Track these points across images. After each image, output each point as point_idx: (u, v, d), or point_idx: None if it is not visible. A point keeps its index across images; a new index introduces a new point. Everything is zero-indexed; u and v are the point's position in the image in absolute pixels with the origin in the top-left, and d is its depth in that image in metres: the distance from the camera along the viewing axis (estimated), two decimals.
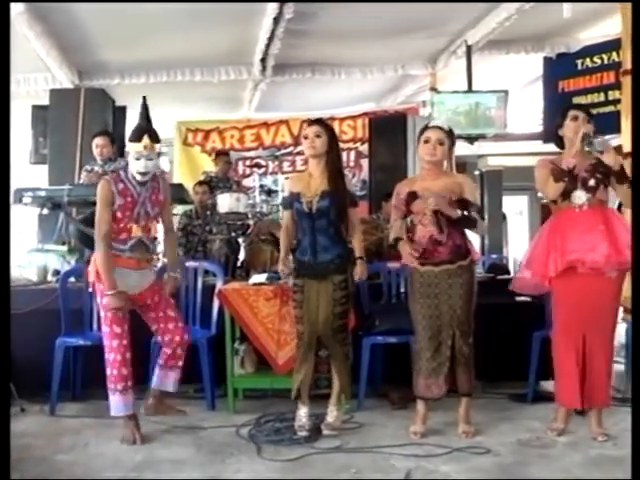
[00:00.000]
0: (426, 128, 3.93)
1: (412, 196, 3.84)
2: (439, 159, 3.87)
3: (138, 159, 3.82)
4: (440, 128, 3.89)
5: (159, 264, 4.94)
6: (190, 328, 4.50)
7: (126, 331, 3.82)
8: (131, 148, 3.85)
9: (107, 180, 3.87)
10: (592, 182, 3.74)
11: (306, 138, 3.93)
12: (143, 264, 3.93)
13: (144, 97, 4.05)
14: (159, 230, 4.31)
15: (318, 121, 4.01)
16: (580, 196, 3.73)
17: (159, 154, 3.90)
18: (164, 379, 3.99)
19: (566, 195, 3.75)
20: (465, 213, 3.83)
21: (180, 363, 4.01)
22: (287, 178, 7.19)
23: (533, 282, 3.94)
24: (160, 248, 5.12)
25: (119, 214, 3.83)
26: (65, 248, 5.71)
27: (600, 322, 3.76)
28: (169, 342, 3.96)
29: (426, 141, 3.85)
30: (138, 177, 3.84)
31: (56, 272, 5.44)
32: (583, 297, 3.72)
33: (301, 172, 7.48)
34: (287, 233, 4.07)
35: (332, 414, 3.94)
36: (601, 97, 7.68)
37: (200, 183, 7.00)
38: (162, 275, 4.20)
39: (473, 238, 4.17)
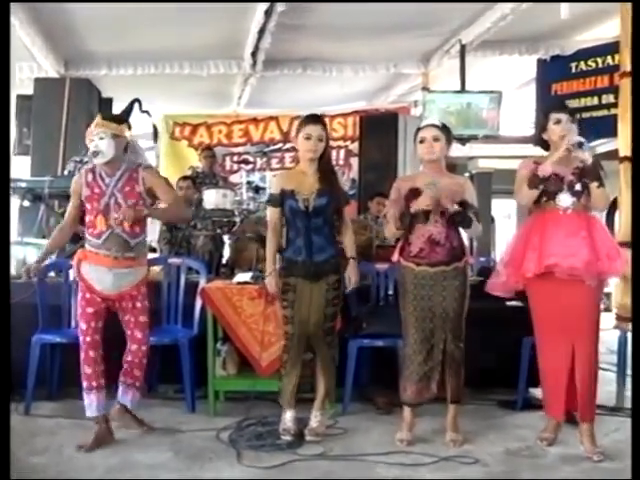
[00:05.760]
0: (419, 129, 3.83)
1: (414, 193, 3.70)
2: (438, 156, 3.75)
3: (92, 140, 3.67)
4: (433, 125, 3.80)
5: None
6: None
7: (93, 328, 3.70)
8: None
9: (80, 172, 3.80)
10: (578, 186, 3.64)
11: (308, 139, 3.76)
12: (121, 263, 3.70)
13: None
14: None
15: (318, 119, 3.83)
16: (565, 199, 3.64)
17: (116, 135, 3.66)
18: (124, 394, 3.86)
19: (551, 197, 3.66)
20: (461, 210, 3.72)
21: (138, 384, 3.87)
22: (274, 176, 7.11)
23: (501, 282, 3.82)
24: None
25: (88, 205, 3.72)
26: (45, 242, 5.57)
27: (587, 332, 3.62)
28: (135, 351, 3.84)
29: (421, 141, 3.77)
30: (94, 160, 3.66)
31: None
32: (564, 304, 3.58)
33: (289, 169, 7.39)
34: (275, 232, 3.84)
35: (316, 419, 3.83)
36: (595, 101, 7.64)
37: (184, 178, 6.87)
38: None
39: None
